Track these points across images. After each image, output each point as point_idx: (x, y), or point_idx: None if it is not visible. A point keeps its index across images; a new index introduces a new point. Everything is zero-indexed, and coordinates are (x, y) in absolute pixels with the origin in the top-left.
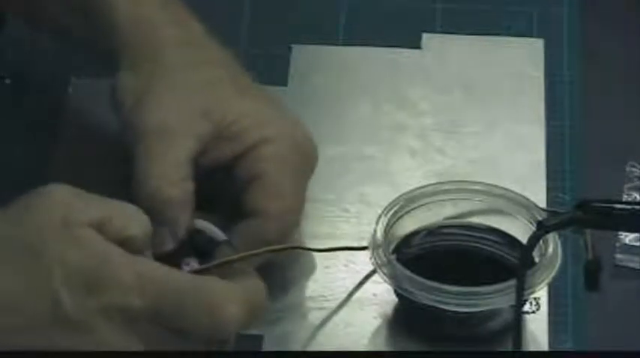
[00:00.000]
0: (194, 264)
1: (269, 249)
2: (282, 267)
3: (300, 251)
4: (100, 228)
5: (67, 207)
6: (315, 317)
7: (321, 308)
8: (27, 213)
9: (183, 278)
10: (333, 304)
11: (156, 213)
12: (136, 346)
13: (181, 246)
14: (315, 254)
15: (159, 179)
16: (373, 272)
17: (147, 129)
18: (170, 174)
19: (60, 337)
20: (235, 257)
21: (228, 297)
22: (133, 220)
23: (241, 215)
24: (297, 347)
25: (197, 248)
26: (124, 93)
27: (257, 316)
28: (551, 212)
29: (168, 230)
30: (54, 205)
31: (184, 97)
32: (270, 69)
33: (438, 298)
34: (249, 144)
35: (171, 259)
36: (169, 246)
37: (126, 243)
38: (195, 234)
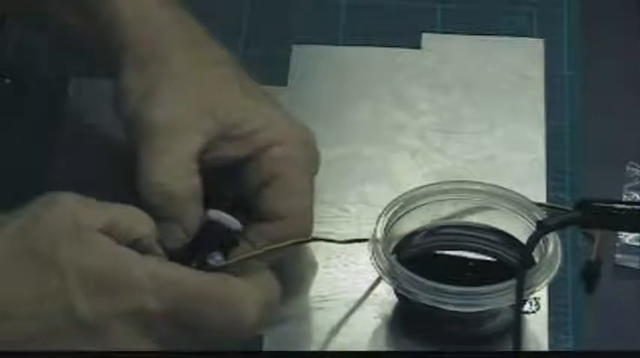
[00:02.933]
0: (219, 257)
1: (292, 242)
2: (282, 267)
3: (301, 251)
4: (109, 232)
5: (75, 214)
6: (315, 317)
7: (321, 308)
8: (37, 223)
9: (201, 279)
10: (333, 304)
11: (163, 209)
12: (152, 347)
13: (196, 238)
14: (315, 254)
15: (164, 174)
16: (373, 272)
17: (151, 125)
18: (176, 169)
19: (76, 342)
20: (260, 251)
21: (249, 298)
22: (138, 221)
23: (255, 215)
24: (297, 347)
25: (213, 238)
26: (129, 91)
27: (269, 316)
28: (551, 212)
29: (178, 225)
30: (63, 213)
31: (191, 95)
32: (270, 69)
33: (438, 298)
34: (260, 146)
35: (189, 253)
36: (181, 241)
37: (135, 245)
38: (209, 224)
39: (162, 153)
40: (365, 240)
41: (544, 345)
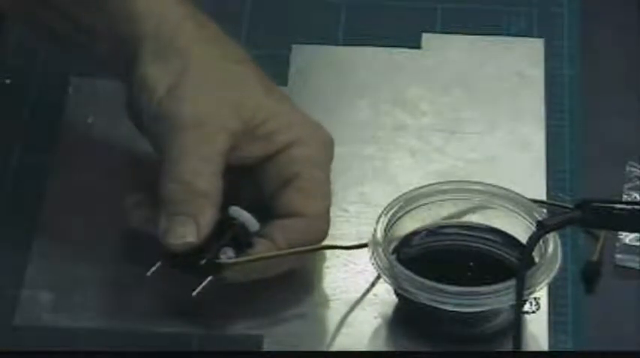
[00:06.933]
0: (231, 253)
1: (308, 248)
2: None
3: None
4: None
5: None
6: (315, 317)
7: (321, 308)
8: None
9: None
10: (333, 304)
11: (184, 205)
12: None
13: (215, 232)
14: (316, 254)
15: (191, 172)
16: (373, 272)
17: (181, 121)
18: (202, 168)
19: None
20: (274, 253)
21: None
22: None
23: (274, 215)
24: (297, 347)
25: (229, 234)
26: (154, 83)
27: None
28: (551, 212)
29: (193, 226)
30: None
31: (216, 91)
32: (270, 69)
33: (438, 298)
34: (280, 146)
35: (205, 246)
36: (192, 239)
37: None
38: (228, 220)
39: (190, 150)
40: (366, 245)
41: (544, 345)
